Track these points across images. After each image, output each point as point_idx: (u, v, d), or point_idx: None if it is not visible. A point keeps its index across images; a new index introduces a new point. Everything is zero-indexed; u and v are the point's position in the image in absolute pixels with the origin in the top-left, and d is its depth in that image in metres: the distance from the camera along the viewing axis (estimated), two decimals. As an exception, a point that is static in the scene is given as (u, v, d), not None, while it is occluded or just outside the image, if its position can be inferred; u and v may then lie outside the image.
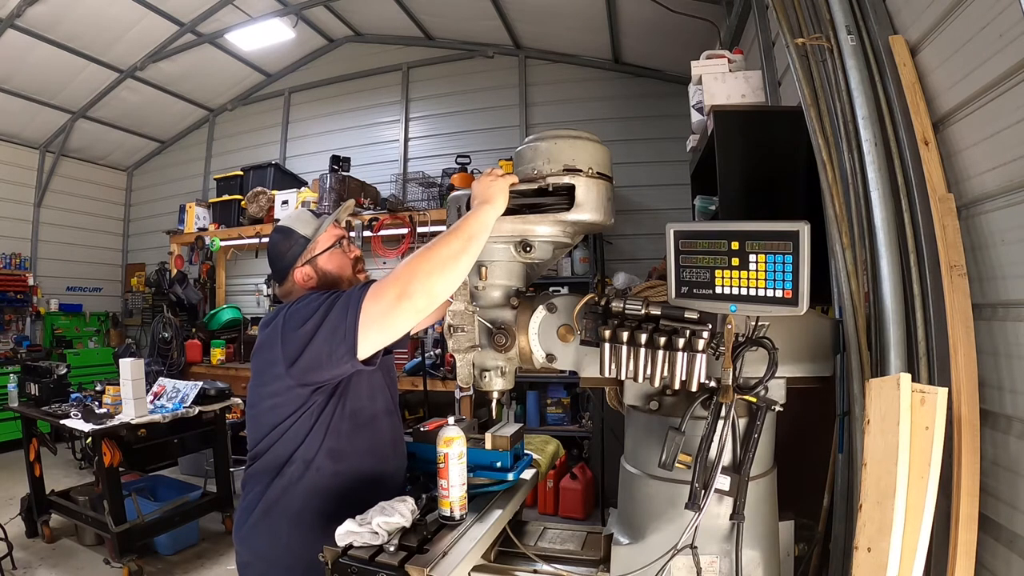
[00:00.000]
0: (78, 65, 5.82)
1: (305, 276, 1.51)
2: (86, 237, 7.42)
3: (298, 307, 1.35)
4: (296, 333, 1.30)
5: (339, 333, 1.26)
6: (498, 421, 1.64)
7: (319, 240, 1.53)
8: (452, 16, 5.66)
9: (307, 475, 1.38)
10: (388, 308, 1.24)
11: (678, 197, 4.86)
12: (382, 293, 1.25)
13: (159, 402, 3.63)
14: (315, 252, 1.52)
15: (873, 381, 1.22)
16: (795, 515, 1.46)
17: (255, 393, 1.43)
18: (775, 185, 2.06)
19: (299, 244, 1.52)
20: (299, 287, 1.52)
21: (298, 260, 1.51)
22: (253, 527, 1.40)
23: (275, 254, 1.55)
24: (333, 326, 1.26)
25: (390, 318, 1.25)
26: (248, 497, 1.43)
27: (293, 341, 1.30)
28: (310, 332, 1.28)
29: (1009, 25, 1.15)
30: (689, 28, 4.14)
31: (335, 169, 5.16)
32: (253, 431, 1.46)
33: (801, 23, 1.69)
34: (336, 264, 1.54)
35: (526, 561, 1.45)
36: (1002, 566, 1.22)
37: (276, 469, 1.39)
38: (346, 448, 1.43)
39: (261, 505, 1.40)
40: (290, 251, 1.52)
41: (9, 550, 3.41)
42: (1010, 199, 1.19)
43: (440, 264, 1.25)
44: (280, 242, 1.54)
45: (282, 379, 1.34)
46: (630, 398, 1.39)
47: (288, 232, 1.54)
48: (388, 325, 1.26)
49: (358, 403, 1.47)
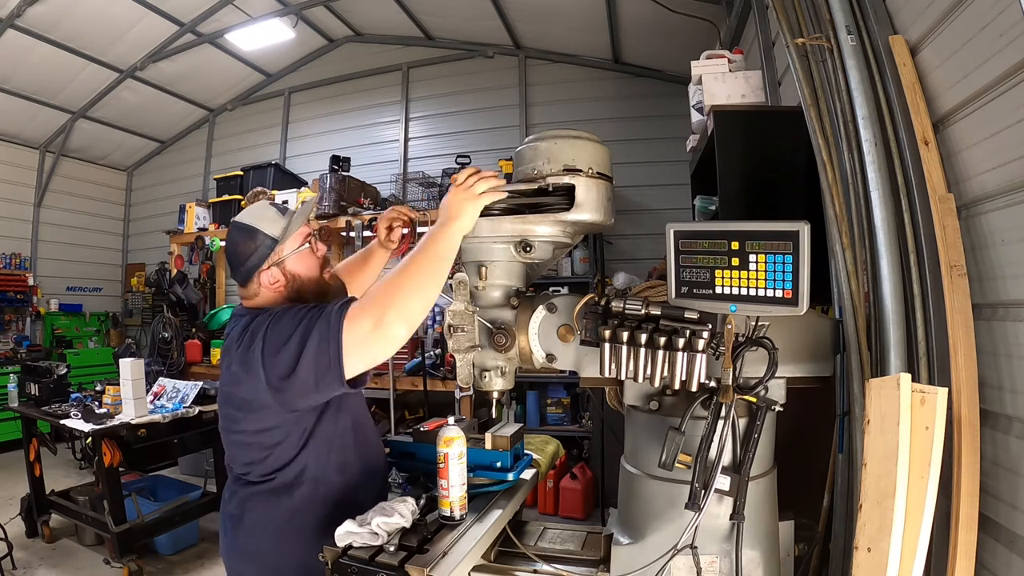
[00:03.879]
0: (78, 65, 5.82)
1: (272, 279, 1.41)
2: (86, 237, 7.42)
3: (273, 333, 1.28)
4: (276, 360, 1.25)
5: (323, 361, 1.23)
6: (498, 421, 1.64)
7: (287, 241, 1.42)
8: (452, 16, 5.66)
9: (318, 492, 1.37)
10: (365, 337, 1.23)
11: (678, 197, 4.87)
12: (358, 322, 1.23)
13: (159, 402, 3.63)
14: (283, 254, 1.42)
15: (873, 381, 1.22)
16: (795, 515, 1.46)
17: (241, 423, 1.36)
18: (775, 185, 2.06)
19: (265, 245, 1.40)
20: (265, 290, 1.42)
21: (264, 262, 1.40)
22: (260, 546, 1.38)
23: (237, 255, 1.42)
24: (315, 353, 1.23)
25: (369, 346, 1.24)
26: (250, 516, 1.39)
27: (275, 368, 1.25)
28: (291, 360, 1.24)
29: (1009, 25, 1.15)
30: (689, 28, 4.15)
31: (335, 169, 5.16)
32: (243, 455, 1.39)
33: (801, 23, 1.69)
34: (305, 265, 1.45)
35: (526, 561, 1.45)
36: (1002, 566, 1.22)
37: (285, 491, 1.36)
38: (351, 460, 1.43)
39: (270, 526, 1.37)
40: (255, 252, 1.40)
41: (9, 550, 3.41)
42: (1010, 199, 1.19)
43: (411, 291, 1.25)
44: (243, 242, 1.41)
45: (270, 409, 1.30)
46: (630, 398, 1.39)
47: (252, 232, 1.41)
48: (368, 353, 1.26)
49: (356, 413, 1.47)
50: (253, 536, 1.39)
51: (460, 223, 1.32)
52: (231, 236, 1.45)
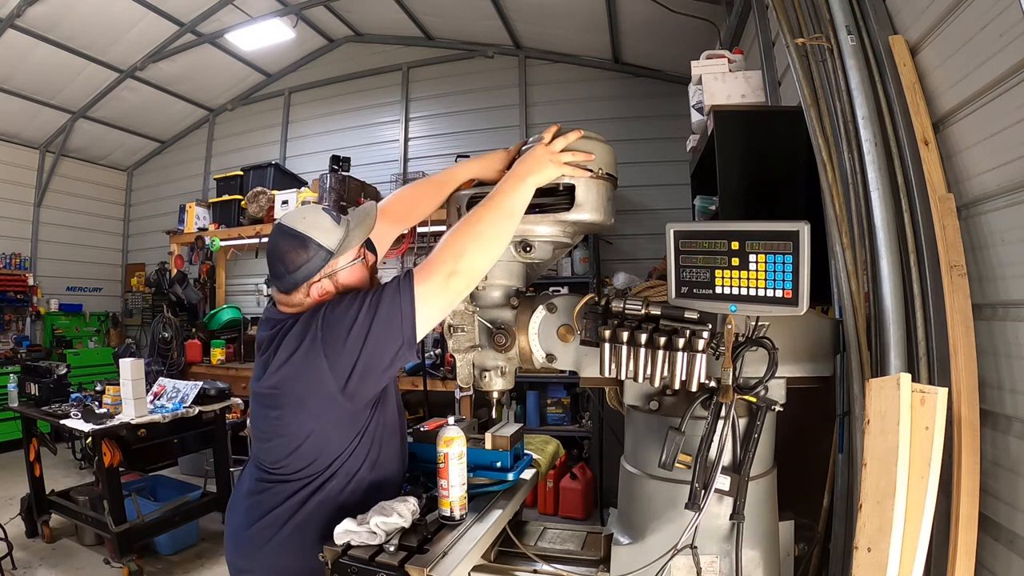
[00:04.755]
0: (78, 65, 5.81)
1: (322, 291, 1.32)
2: (86, 237, 7.42)
3: (335, 318, 1.23)
4: (345, 345, 1.21)
5: (395, 326, 1.21)
6: (498, 421, 1.64)
7: (343, 255, 1.34)
8: (452, 16, 5.66)
9: (348, 488, 1.32)
10: (441, 288, 1.23)
11: (678, 197, 4.86)
12: (432, 273, 1.23)
13: (159, 402, 3.63)
14: (337, 266, 1.33)
15: (873, 381, 1.22)
16: (795, 515, 1.46)
17: (285, 418, 1.29)
18: (775, 185, 2.06)
19: (320, 257, 1.31)
20: (311, 301, 1.33)
21: (317, 274, 1.31)
22: (281, 543, 1.31)
23: (285, 263, 1.31)
24: (387, 321, 1.21)
25: (443, 297, 1.25)
26: (275, 512, 1.32)
27: (343, 355, 1.21)
28: (361, 336, 1.20)
29: (1009, 25, 1.15)
30: (689, 28, 4.14)
31: (335, 169, 5.16)
32: (279, 449, 1.32)
33: (801, 23, 1.69)
34: (357, 278, 1.37)
35: (526, 561, 1.45)
36: (1002, 566, 1.22)
37: (315, 484, 1.31)
38: (382, 457, 1.39)
39: (294, 520, 1.31)
40: (307, 264, 1.30)
41: (9, 550, 3.41)
42: (1010, 199, 1.19)
43: (486, 242, 1.25)
44: (293, 250, 1.31)
45: (334, 403, 1.25)
46: (630, 398, 1.39)
47: (304, 240, 1.31)
48: (441, 304, 1.26)
49: (389, 409, 1.42)
50: (269, 530, 1.33)
51: (536, 178, 1.31)
52: (277, 241, 1.34)
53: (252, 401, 1.42)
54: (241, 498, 1.41)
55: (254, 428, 1.41)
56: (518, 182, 1.30)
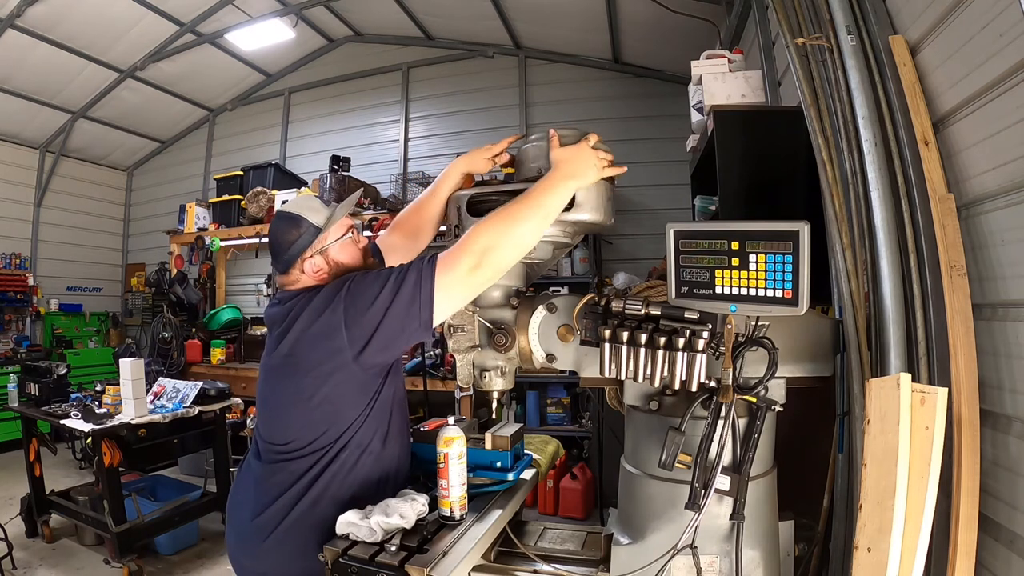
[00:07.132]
0: (78, 65, 5.81)
1: (315, 267, 1.43)
2: (86, 237, 7.41)
3: (360, 289, 1.29)
4: (365, 316, 1.26)
5: (414, 307, 1.25)
6: (498, 421, 1.64)
7: (331, 230, 1.45)
8: (452, 16, 5.66)
9: (361, 460, 1.35)
10: (462, 278, 1.26)
11: (678, 197, 4.86)
12: (456, 263, 1.25)
13: (159, 402, 3.63)
14: (327, 242, 1.44)
15: (873, 381, 1.22)
16: (795, 515, 1.46)
17: (299, 385, 1.33)
18: (775, 185, 2.06)
19: (309, 233, 1.43)
20: (307, 277, 1.44)
21: (307, 250, 1.42)
22: (293, 524, 1.31)
23: (280, 242, 1.44)
24: (407, 301, 1.25)
25: (464, 288, 1.28)
26: (289, 493, 1.32)
27: (361, 325, 1.27)
28: (381, 311, 1.26)
29: (1009, 25, 1.15)
30: (689, 28, 4.14)
31: (335, 169, 5.16)
32: (291, 421, 1.35)
33: (801, 23, 1.69)
34: (348, 255, 1.47)
35: (526, 561, 1.45)
36: (1002, 566, 1.22)
37: (327, 457, 1.33)
38: (392, 430, 1.43)
39: (308, 496, 1.32)
40: (299, 240, 1.42)
41: (9, 550, 3.41)
42: (1010, 199, 1.19)
43: (516, 239, 1.27)
44: (286, 230, 1.44)
45: (347, 369, 1.30)
46: (630, 398, 1.39)
47: (296, 220, 1.43)
48: (462, 294, 1.29)
49: (398, 383, 1.47)
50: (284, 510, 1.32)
51: (579, 182, 1.32)
52: (275, 225, 1.48)
53: (263, 378, 1.45)
54: (247, 488, 1.42)
55: (263, 408, 1.44)
56: (560, 183, 1.31)
